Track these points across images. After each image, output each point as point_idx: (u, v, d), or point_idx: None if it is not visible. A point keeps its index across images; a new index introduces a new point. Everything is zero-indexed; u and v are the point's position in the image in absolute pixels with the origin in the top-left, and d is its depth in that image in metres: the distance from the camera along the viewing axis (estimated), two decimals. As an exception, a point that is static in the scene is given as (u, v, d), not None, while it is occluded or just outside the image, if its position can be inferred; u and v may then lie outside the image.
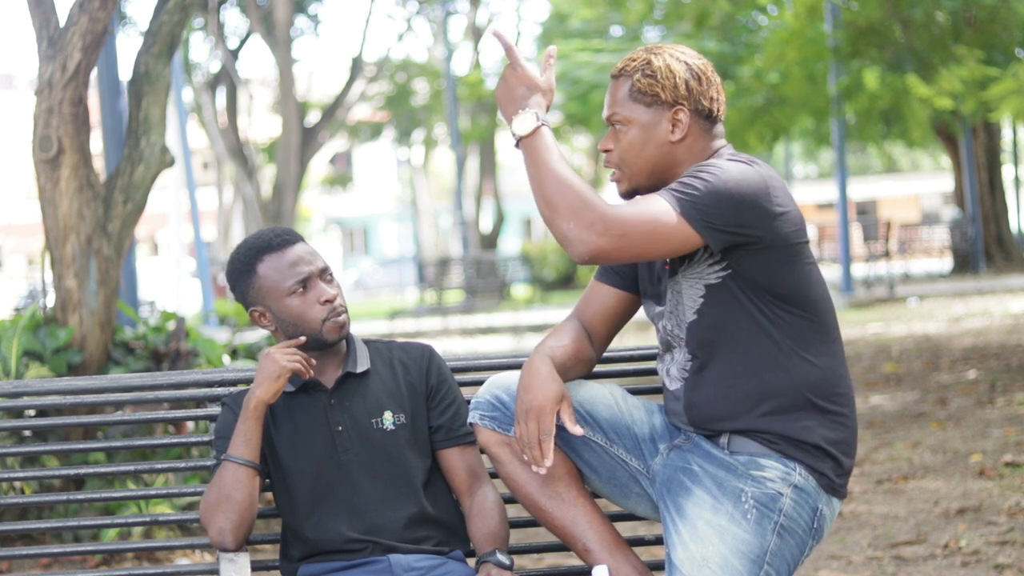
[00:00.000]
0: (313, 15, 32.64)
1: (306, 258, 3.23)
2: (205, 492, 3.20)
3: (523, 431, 3.04)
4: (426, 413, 3.28)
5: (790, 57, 13.26)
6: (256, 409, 3.14)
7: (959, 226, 25.41)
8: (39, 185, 5.80)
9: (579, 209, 2.92)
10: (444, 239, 47.57)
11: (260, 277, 3.22)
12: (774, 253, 3.03)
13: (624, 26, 20.43)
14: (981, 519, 5.84)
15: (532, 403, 3.04)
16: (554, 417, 3.04)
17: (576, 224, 2.92)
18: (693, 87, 3.12)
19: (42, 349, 5.81)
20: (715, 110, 3.14)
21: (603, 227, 2.91)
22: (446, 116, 30.39)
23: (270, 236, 3.26)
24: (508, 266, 22.05)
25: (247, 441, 3.15)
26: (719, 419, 3.10)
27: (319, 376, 3.26)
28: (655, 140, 3.12)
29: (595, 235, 2.91)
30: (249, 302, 3.26)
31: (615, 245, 2.92)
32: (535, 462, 3.05)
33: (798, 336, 3.07)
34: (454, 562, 3.18)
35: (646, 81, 3.12)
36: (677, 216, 2.95)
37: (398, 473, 3.22)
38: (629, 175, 3.16)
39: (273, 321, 3.23)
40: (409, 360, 3.32)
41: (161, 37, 5.99)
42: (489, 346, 16.76)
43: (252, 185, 28.68)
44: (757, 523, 3.02)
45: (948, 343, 13.00)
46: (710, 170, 3.00)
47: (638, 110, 3.13)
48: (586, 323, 3.26)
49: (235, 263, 3.27)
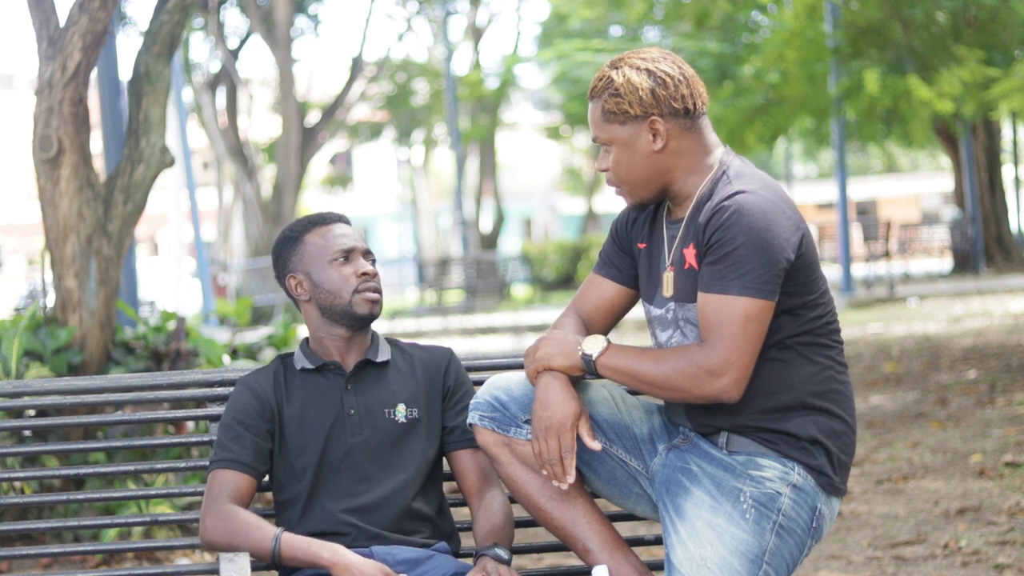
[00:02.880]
0: (313, 15, 32.61)
1: (353, 235, 3.35)
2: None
3: (543, 448, 3.06)
4: (441, 413, 3.33)
5: (790, 57, 13.26)
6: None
7: (959, 226, 25.41)
8: (39, 185, 5.80)
9: (691, 376, 2.99)
10: (444, 239, 47.57)
11: (306, 244, 3.32)
12: (792, 273, 3.04)
13: (624, 26, 20.44)
14: (981, 519, 5.84)
15: (552, 420, 3.06)
16: (575, 434, 3.06)
17: (703, 386, 2.99)
18: (660, 94, 3.08)
19: (42, 349, 5.81)
20: (691, 107, 3.11)
21: (720, 368, 2.97)
22: (446, 116, 30.39)
23: (324, 213, 3.39)
24: (508, 266, 22.06)
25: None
26: (718, 416, 3.10)
27: (340, 360, 3.30)
28: (640, 154, 3.11)
29: (723, 380, 2.98)
30: (289, 269, 3.33)
31: (743, 366, 2.98)
32: (557, 478, 3.08)
33: (798, 335, 3.08)
34: (441, 555, 3.20)
35: (613, 101, 3.10)
36: (759, 302, 2.98)
37: (401, 465, 3.25)
38: (629, 190, 3.17)
39: (309, 289, 3.30)
40: (429, 359, 3.37)
41: (161, 37, 5.99)
42: (489, 346, 16.76)
43: (252, 185, 28.67)
44: (756, 523, 3.02)
45: (948, 343, 13.00)
46: (744, 236, 2.97)
47: (615, 130, 3.12)
48: (584, 316, 3.27)
49: (285, 232, 3.37)
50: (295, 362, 3.32)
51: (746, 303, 2.96)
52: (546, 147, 52.69)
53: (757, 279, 2.97)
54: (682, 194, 3.14)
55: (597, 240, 33.89)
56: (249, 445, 3.23)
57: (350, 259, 3.30)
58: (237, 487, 3.20)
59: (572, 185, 48.56)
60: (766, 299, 2.98)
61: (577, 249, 33.06)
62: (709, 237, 3.02)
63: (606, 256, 3.30)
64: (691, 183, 3.13)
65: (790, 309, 3.06)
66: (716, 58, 16.06)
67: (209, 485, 3.22)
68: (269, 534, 3.13)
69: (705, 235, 3.03)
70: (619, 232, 3.29)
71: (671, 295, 3.14)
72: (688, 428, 3.18)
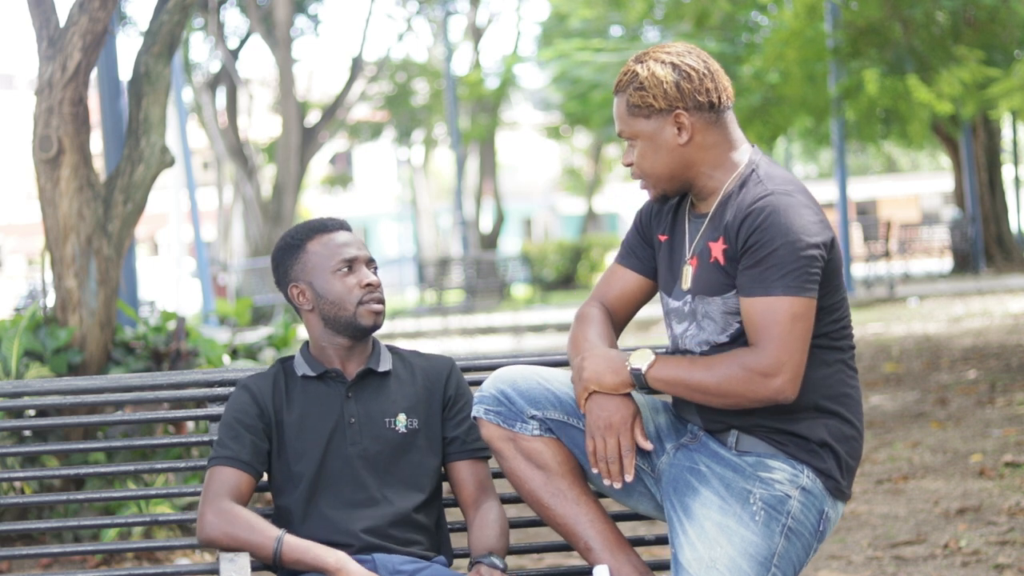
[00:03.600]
0: (313, 15, 32.61)
1: (356, 244, 3.30)
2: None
3: (601, 446, 3.07)
4: (441, 423, 3.31)
5: (790, 57, 13.26)
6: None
7: (959, 226, 25.41)
8: (39, 185, 5.80)
9: (745, 380, 2.98)
10: (444, 239, 47.55)
11: (308, 253, 3.28)
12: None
13: (624, 26, 20.44)
14: (981, 519, 5.84)
15: (612, 419, 3.07)
16: (633, 433, 3.07)
17: (758, 389, 2.98)
18: (684, 88, 3.09)
19: (42, 349, 5.81)
20: (716, 101, 3.12)
21: (774, 368, 2.97)
22: (446, 116, 30.39)
23: (325, 219, 3.34)
24: (508, 266, 22.07)
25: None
26: (728, 414, 3.09)
27: (342, 368, 3.28)
28: (665, 147, 3.12)
29: (777, 380, 2.97)
30: (291, 279, 3.30)
31: (796, 365, 2.98)
32: (612, 477, 3.08)
33: (815, 337, 3.07)
34: (439, 566, 3.19)
35: (638, 95, 3.11)
36: (803, 300, 2.98)
37: (401, 475, 3.24)
38: (653, 183, 3.17)
39: (312, 299, 3.27)
40: (430, 368, 3.36)
41: (161, 37, 5.99)
42: (489, 346, 16.76)
43: (252, 185, 28.66)
44: (765, 525, 3.02)
45: (948, 343, 13.00)
46: (784, 237, 2.98)
47: (640, 123, 3.13)
48: (608, 306, 3.28)
49: (286, 239, 3.33)
50: (296, 368, 3.31)
51: (792, 302, 2.97)
52: (546, 147, 52.68)
53: (798, 278, 2.97)
54: (707, 189, 3.14)
55: (597, 240, 33.89)
56: (248, 444, 3.22)
57: (353, 269, 3.27)
58: (236, 485, 3.19)
59: (572, 185, 48.55)
60: (810, 296, 2.99)
61: (577, 249, 33.05)
62: (746, 240, 3.02)
63: (628, 246, 3.31)
64: (716, 178, 3.13)
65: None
66: (716, 58, 16.05)
67: (208, 481, 3.21)
68: (271, 535, 3.12)
69: (739, 237, 3.03)
70: (643, 222, 3.30)
71: (689, 288, 3.13)
72: (698, 426, 3.18)
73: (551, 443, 3.17)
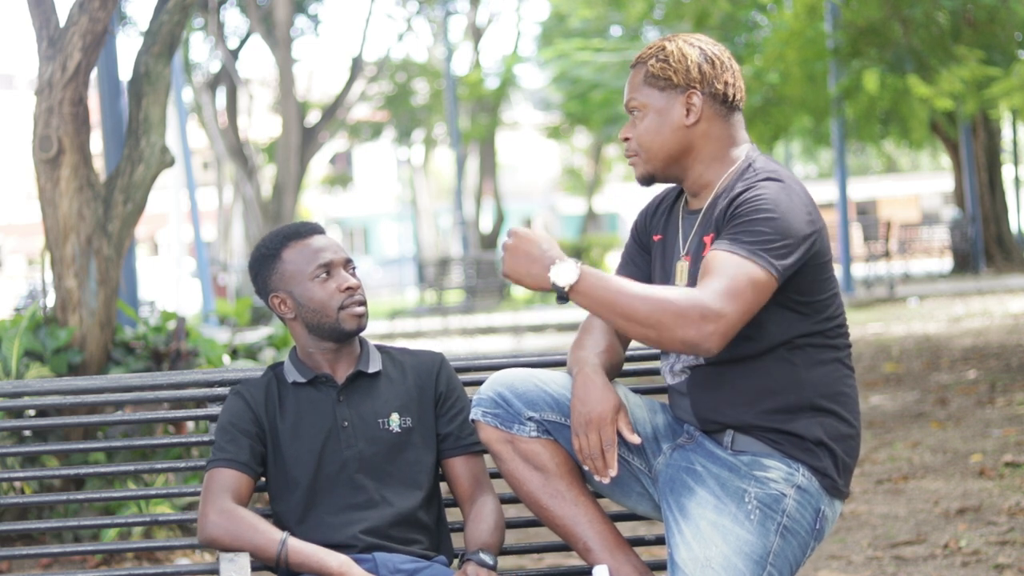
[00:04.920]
0: (313, 15, 32.61)
1: (331, 247, 3.27)
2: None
3: (584, 443, 3.06)
4: (434, 420, 3.31)
5: (790, 57, 13.26)
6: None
7: (959, 226, 25.40)
8: (39, 185, 5.80)
9: (681, 313, 2.88)
10: (444, 239, 47.55)
11: (285, 262, 3.26)
12: (804, 270, 3.04)
13: (624, 26, 20.44)
14: (981, 519, 5.84)
15: (592, 415, 3.05)
16: (615, 427, 3.06)
17: (688, 328, 2.88)
18: (706, 71, 3.13)
19: (42, 349, 5.81)
20: (731, 95, 3.15)
21: (714, 314, 2.87)
22: (446, 116, 30.38)
23: (297, 226, 3.31)
24: (508, 266, 21.97)
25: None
26: (723, 414, 3.10)
27: (331, 372, 3.28)
28: (670, 124, 3.13)
29: (711, 325, 2.87)
30: (271, 288, 3.28)
31: (733, 323, 2.89)
32: (598, 473, 3.07)
33: (808, 335, 3.08)
34: (439, 566, 3.19)
35: (659, 65, 3.14)
36: (766, 273, 2.93)
37: (397, 475, 3.24)
38: (646, 159, 3.16)
39: (293, 308, 3.26)
40: (420, 365, 3.35)
41: (161, 37, 5.99)
42: (489, 346, 16.76)
43: (252, 185, 28.66)
44: (760, 524, 3.02)
45: (948, 343, 13.00)
46: (767, 212, 2.97)
47: (652, 95, 3.15)
48: None
49: (260, 249, 3.30)
50: (286, 374, 3.30)
51: (755, 269, 2.93)
52: (546, 147, 52.70)
53: (770, 251, 2.94)
54: (701, 182, 3.15)
55: (597, 240, 33.91)
56: (246, 447, 3.22)
57: (331, 273, 3.24)
58: (236, 486, 3.19)
59: (572, 185, 48.55)
60: (773, 275, 2.94)
61: (577, 249, 33.06)
62: (733, 210, 3.01)
63: (627, 256, 3.32)
64: (712, 172, 3.14)
65: (802, 308, 3.06)
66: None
67: (207, 483, 3.21)
68: (275, 537, 3.12)
69: (728, 212, 3.03)
70: (638, 230, 3.31)
71: (684, 285, 3.13)
72: (694, 426, 3.18)
73: (549, 445, 3.17)
